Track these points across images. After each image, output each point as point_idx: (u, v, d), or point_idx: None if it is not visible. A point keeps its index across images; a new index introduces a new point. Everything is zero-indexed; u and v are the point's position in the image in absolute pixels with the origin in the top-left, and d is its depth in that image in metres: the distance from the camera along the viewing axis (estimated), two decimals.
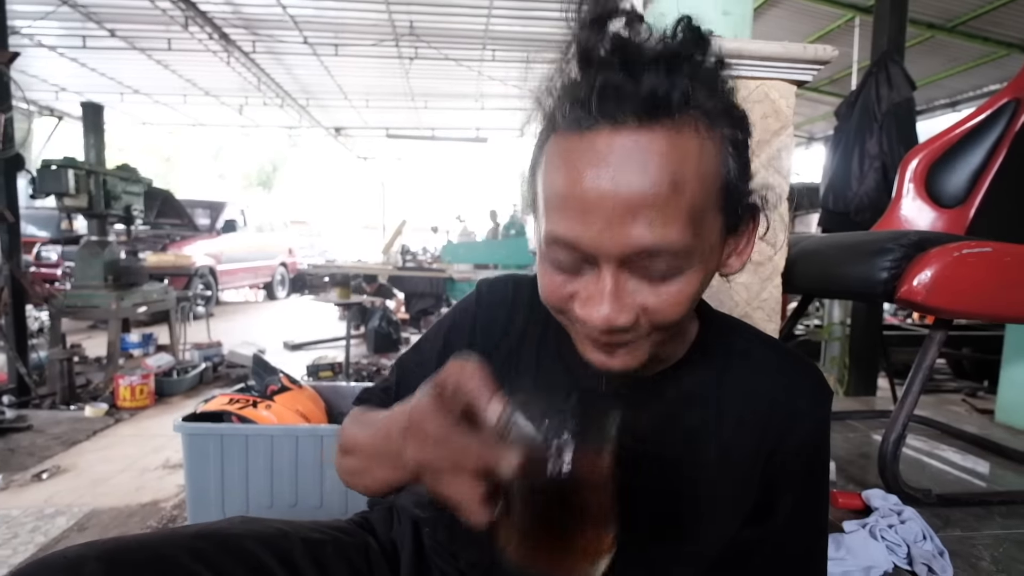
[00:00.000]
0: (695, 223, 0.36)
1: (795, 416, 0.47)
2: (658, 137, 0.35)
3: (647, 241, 0.35)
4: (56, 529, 1.61)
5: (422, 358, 0.57)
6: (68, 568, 0.44)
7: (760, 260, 1.14)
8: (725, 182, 0.39)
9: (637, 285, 0.38)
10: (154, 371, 3.02)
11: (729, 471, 0.47)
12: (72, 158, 3.01)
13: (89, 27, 5.65)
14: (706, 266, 0.39)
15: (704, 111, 0.37)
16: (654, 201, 0.35)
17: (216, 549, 0.50)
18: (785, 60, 1.11)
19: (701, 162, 0.37)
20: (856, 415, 1.64)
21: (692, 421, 0.48)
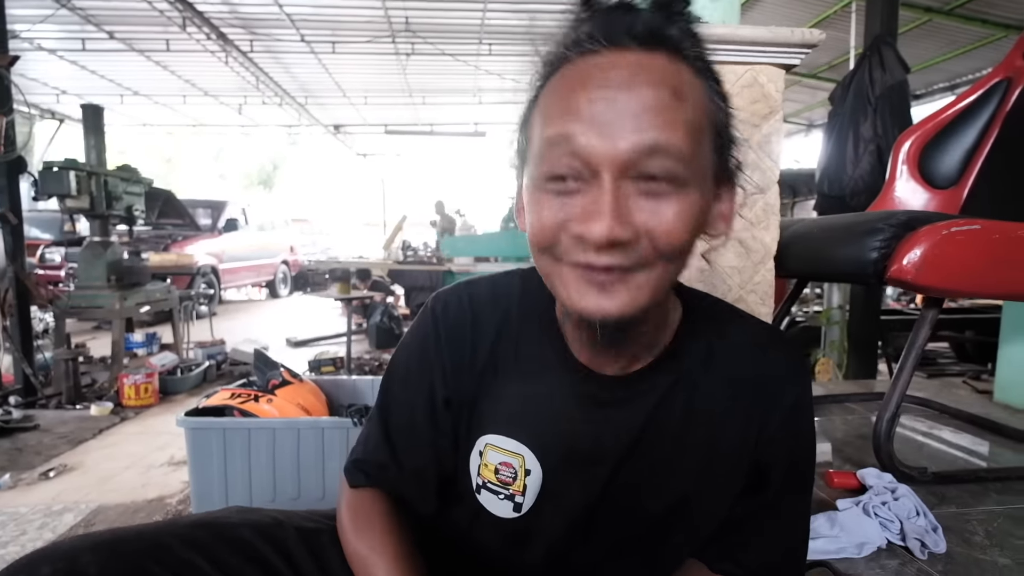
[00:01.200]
0: (693, 136, 0.37)
1: (778, 396, 0.48)
2: (659, 59, 0.38)
3: (649, 139, 0.35)
4: (64, 526, 1.63)
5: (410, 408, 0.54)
6: (63, 558, 0.45)
7: (752, 245, 1.14)
8: (716, 121, 0.40)
9: (637, 203, 0.37)
10: (158, 370, 3.04)
11: (719, 454, 0.48)
12: (73, 160, 3.03)
13: (88, 30, 5.66)
14: (703, 196, 0.39)
15: (693, 58, 0.40)
16: (657, 104, 0.36)
17: (212, 537, 0.50)
18: (773, 44, 1.12)
19: (697, 90, 0.38)
20: (855, 398, 1.64)
21: (680, 409, 0.48)
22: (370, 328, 4.45)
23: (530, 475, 0.50)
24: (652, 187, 0.37)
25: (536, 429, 0.50)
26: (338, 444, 1.48)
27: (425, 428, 0.53)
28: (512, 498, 0.50)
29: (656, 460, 0.48)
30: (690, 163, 0.37)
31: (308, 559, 0.53)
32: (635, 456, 0.48)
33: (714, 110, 0.40)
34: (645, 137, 0.35)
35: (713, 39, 1.10)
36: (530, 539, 0.52)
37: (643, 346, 0.48)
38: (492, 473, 0.51)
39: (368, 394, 1.91)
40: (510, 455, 0.50)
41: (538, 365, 0.50)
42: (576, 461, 0.49)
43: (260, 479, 1.47)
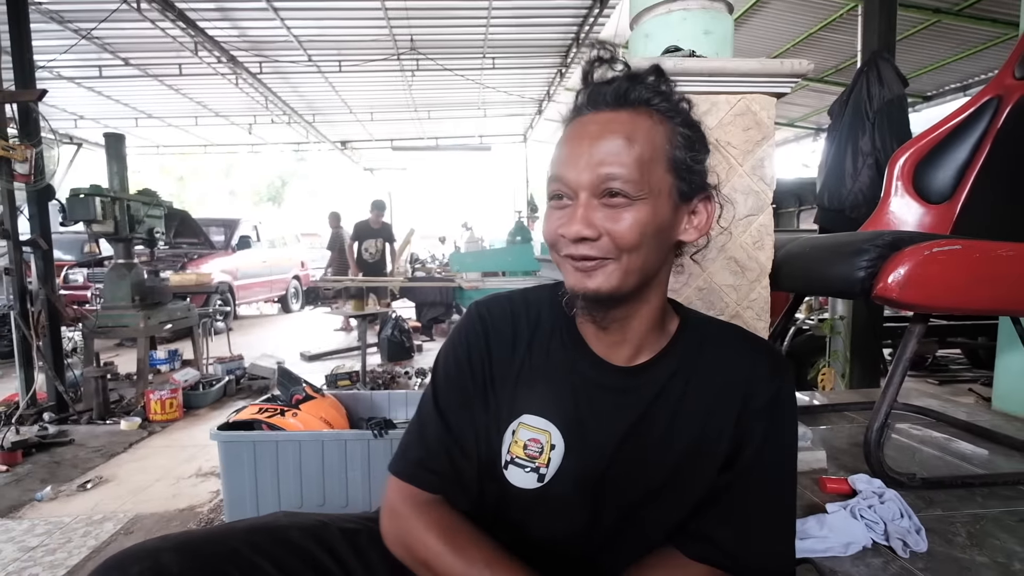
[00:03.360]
0: (642, 167, 0.51)
1: (757, 382, 0.58)
2: (621, 115, 0.53)
3: (605, 171, 0.51)
4: (105, 533, 1.73)
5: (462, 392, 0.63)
6: (148, 557, 0.52)
7: (747, 264, 1.22)
8: (672, 154, 0.54)
9: (602, 213, 0.52)
10: (181, 385, 3.15)
11: (707, 435, 0.58)
12: (98, 186, 3.17)
13: (105, 57, 5.87)
14: (654, 209, 0.52)
15: (659, 109, 0.54)
16: (613, 147, 0.52)
17: (271, 542, 0.58)
18: (764, 75, 1.19)
19: (651, 134, 0.53)
20: (854, 407, 1.70)
21: (676, 397, 0.59)
22: (381, 342, 4.55)
23: (554, 449, 0.59)
24: (611, 202, 0.52)
25: (560, 410, 0.60)
26: (359, 455, 1.57)
27: (481, 416, 0.62)
28: (537, 470, 0.60)
29: (654, 438, 0.58)
30: (638, 185, 0.51)
31: (352, 556, 0.61)
32: (637, 434, 0.58)
33: (671, 145, 0.54)
34: (602, 170, 0.51)
35: (706, 72, 1.18)
36: (549, 507, 0.60)
37: (640, 340, 0.59)
38: (521, 449, 0.60)
39: (384, 407, 2.00)
40: (539, 432, 0.60)
41: (563, 357, 0.61)
42: (590, 437, 0.59)
43: (287, 488, 1.55)
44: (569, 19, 5.59)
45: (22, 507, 1.99)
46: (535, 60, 6.64)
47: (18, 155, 2.88)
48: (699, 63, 1.18)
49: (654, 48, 1.30)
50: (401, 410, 1.96)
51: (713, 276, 1.21)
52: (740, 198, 1.22)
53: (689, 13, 1.31)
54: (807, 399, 1.82)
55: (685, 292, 1.20)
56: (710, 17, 1.32)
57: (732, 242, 1.22)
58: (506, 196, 8.24)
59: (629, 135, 0.52)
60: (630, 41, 1.41)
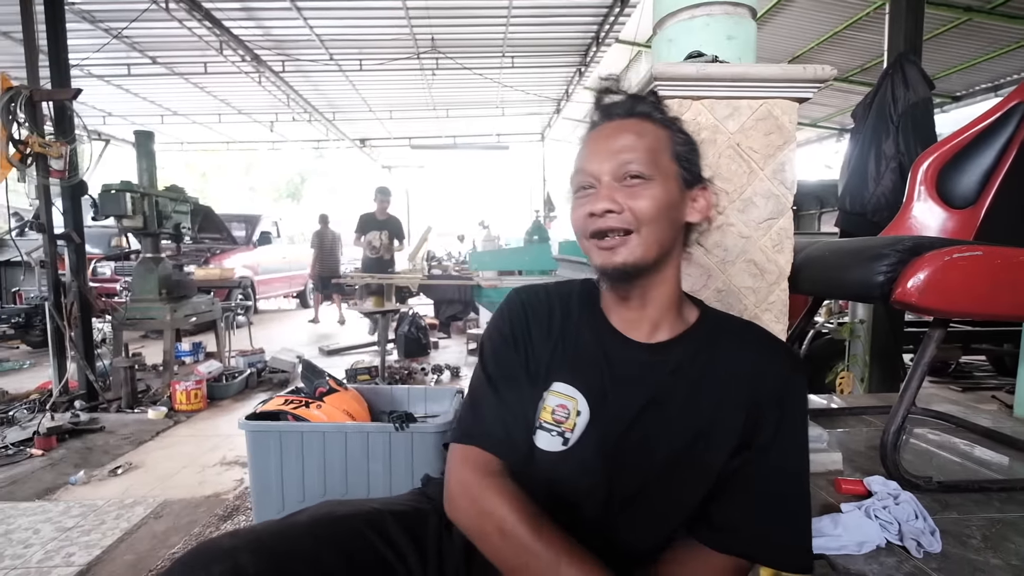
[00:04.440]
0: (652, 154, 0.63)
1: (772, 377, 0.63)
2: (630, 121, 0.65)
3: (624, 155, 0.62)
4: (136, 516, 1.80)
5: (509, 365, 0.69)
6: (227, 557, 0.55)
7: (767, 267, 1.23)
8: (674, 148, 0.65)
9: (622, 193, 0.62)
10: (205, 377, 3.25)
11: (719, 418, 0.62)
12: (128, 182, 3.27)
13: (134, 56, 6.03)
14: (665, 188, 0.62)
15: (658, 120, 0.66)
16: (628, 141, 0.63)
17: (331, 533, 0.63)
18: (786, 81, 1.20)
19: (656, 132, 0.65)
20: (872, 410, 1.69)
21: (693, 378, 0.64)
22: (399, 338, 4.62)
23: (580, 415, 0.65)
24: (630, 183, 0.62)
25: (586, 380, 0.66)
26: (381, 447, 1.61)
27: (525, 386, 0.68)
28: (563, 434, 0.65)
29: (669, 415, 0.64)
30: (650, 166, 0.62)
31: (404, 538, 0.66)
32: (653, 409, 0.64)
33: (672, 143, 0.65)
34: (621, 157, 0.62)
35: (729, 77, 1.20)
36: (570, 469, 0.65)
37: (658, 317, 0.66)
38: (549, 414, 0.66)
39: (404, 402, 2.04)
40: (567, 398, 0.66)
41: (590, 336, 0.69)
42: (612, 406, 0.65)
43: (311, 478, 1.60)
44: (589, 18, 5.59)
45: (57, 490, 2.08)
46: (554, 59, 6.65)
47: (54, 152, 3.00)
48: (722, 68, 1.20)
49: (677, 53, 1.31)
50: (420, 405, 2.01)
51: (732, 278, 1.23)
52: (760, 201, 1.23)
53: (712, 19, 1.32)
54: (824, 402, 1.82)
55: (704, 294, 1.22)
56: (733, 22, 1.33)
57: (752, 245, 1.23)
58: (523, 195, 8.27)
59: (639, 132, 0.64)
60: (653, 46, 1.43)
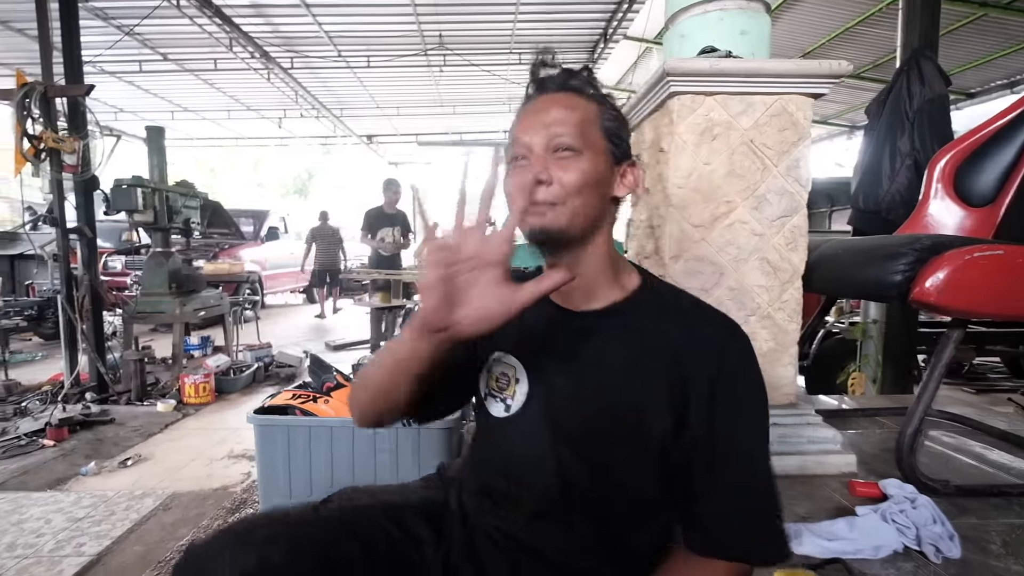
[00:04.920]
0: (582, 127, 0.63)
1: (703, 348, 0.62)
2: (563, 95, 0.65)
3: (555, 128, 0.63)
4: (145, 508, 1.82)
5: None
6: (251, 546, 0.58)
7: (780, 265, 1.22)
8: (604, 124, 0.65)
9: (553, 163, 0.63)
10: (214, 371, 3.27)
11: (651, 390, 0.61)
12: (140, 177, 3.29)
13: (145, 53, 6.07)
14: (594, 162, 0.63)
15: (591, 95, 0.66)
16: (559, 115, 0.63)
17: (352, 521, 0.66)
18: (801, 76, 1.18)
19: (587, 107, 0.65)
20: (886, 412, 1.67)
21: (621, 348, 0.65)
22: None
23: (519, 383, 0.68)
24: (560, 155, 0.63)
25: (524, 349, 0.69)
26: (388, 441, 1.61)
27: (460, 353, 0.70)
28: (504, 401, 0.69)
29: (601, 384, 0.64)
30: (580, 140, 0.62)
31: (422, 526, 0.70)
32: (587, 376, 0.65)
33: (602, 118, 0.65)
34: (552, 130, 0.63)
35: (743, 73, 1.18)
36: (517, 432, 0.68)
37: (589, 286, 0.67)
38: (494, 381, 0.70)
39: None
40: (506, 367, 0.70)
41: (532, 309, 0.68)
42: (549, 374, 0.67)
43: (319, 471, 1.61)
44: (598, 14, 5.56)
45: (68, 480, 2.10)
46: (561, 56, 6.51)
47: (67, 147, 3.02)
48: (736, 64, 1.18)
49: (689, 48, 1.30)
50: None
51: (745, 277, 1.21)
52: (774, 199, 1.22)
53: (726, 13, 1.30)
54: (835, 403, 1.79)
55: (716, 292, 1.21)
56: (747, 17, 1.31)
57: (765, 243, 1.21)
58: None
59: (571, 105, 0.64)
60: (665, 41, 1.41)
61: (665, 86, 1.19)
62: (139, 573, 1.48)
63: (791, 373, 1.25)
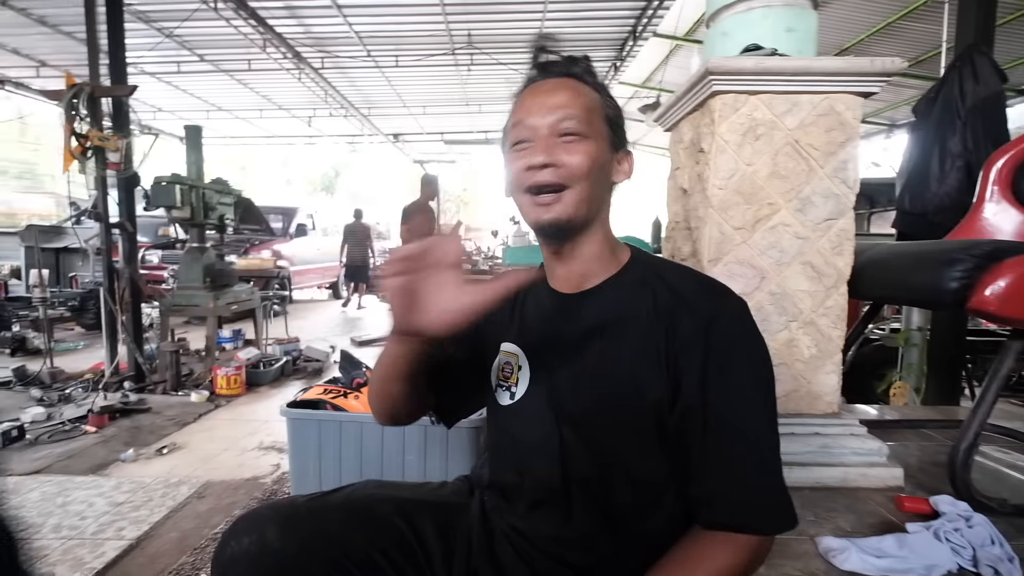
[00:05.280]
0: (588, 113, 0.63)
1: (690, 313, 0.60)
2: (567, 81, 0.65)
3: (562, 113, 0.62)
4: (181, 495, 1.87)
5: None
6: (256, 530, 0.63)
7: (824, 269, 1.17)
8: (605, 111, 0.65)
9: (559, 146, 0.62)
10: (244, 363, 3.35)
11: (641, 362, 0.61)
12: (178, 174, 3.40)
13: (183, 54, 6.27)
14: (598, 147, 0.63)
15: (592, 84, 0.66)
16: (565, 98, 0.63)
17: (361, 517, 0.68)
18: (851, 74, 1.14)
19: (591, 94, 0.65)
20: (932, 424, 1.60)
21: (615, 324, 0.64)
22: None
23: (521, 370, 0.69)
24: (567, 139, 0.62)
25: (525, 337, 0.70)
26: (416, 439, 1.62)
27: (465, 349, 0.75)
28: (509, 388, 0.70)
29: (594, 362, 0.64)
30: (586, 125, 0.62)
31: (432, 531, 0.70)
32: (582, 356, 0.65)
33: (604, 106, 0.65)
34: (560, 112, 0.62)
35: (789, 71, 1.14)
36: (522, 419, 0.69)
37: (586, 269, 0.67)
38: (501, 372, 0.71)
39: None
40: (510, 355, 0.71)
41: (531, 296, 0.73)
42: (547, 358, 0.68)
43: (348, 466, 1.63)
44: (626, 12, 5.49)
45: (108, 466, 2.18)
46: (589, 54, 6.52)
47: (111, 145, 3.13)
48: (782, 62, 1.14)
49: (732, 47, 1.26)
50: None
51: (787, 281, 1.17)
52: (819, 201, 1.17)
53: (771, 10, 1.26)
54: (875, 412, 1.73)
55: (757, 296, 1.17)
56: (793, 14, 1.27)
57: (809, 246, 1.17)
58: None
59: (577, 90, 0.64)
60: (706, 40, 1.38)
61: (707, 85, 1.16)
62: (175, 558, 1.53)
63: (834, 381, 1.20)
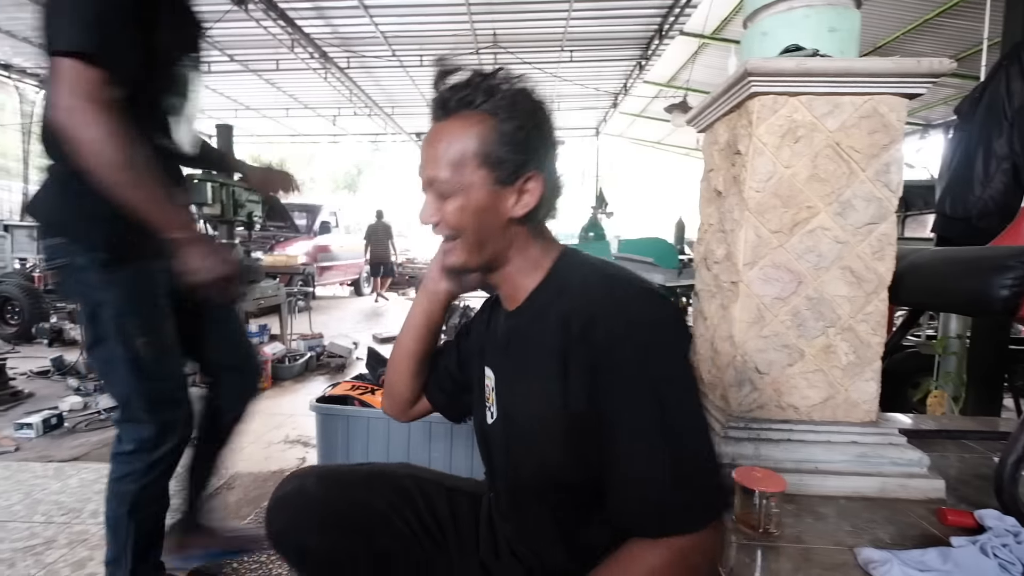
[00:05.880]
0: (453, 168, 0.64)
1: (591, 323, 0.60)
2: (443, 125, 0.66)
3: (430, 172, 0.66)
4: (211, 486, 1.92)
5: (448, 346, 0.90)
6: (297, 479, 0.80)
7: (864, 275, 1.14)
8: (486, 150, 0.63)
9: (436, 204, 0.67)
10: (270, 358, 3.42)
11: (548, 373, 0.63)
12: (210, 172, 3.48)
13: (214, 54, 6.43)
14: (470, 197, 0.64)
15: (482, 109, 0.64)
16: (436, 152, 0.65)
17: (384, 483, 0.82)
18: (897, 75, 1.11)
19: (458, 136, 0.64)
20: (973, 435, 1.54)
21: (526, 338, 0.68)
22: (449, 328, 4.69)
23: (494, 390, 0.73)
24: (439, 196, 0.66)
25: (493, 356, 0.75)
26: (443, 435, 1.64)
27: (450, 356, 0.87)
28: (489, 409, 0.75)
29: (517, 377, 0.69)
30: (454, 179, 0.64)
31: (447, 513, 0.82)
32: (511, 373, 0.70)
33: (485, 144, 0.63)
34: (428, 173, 0.66)
35: (832, 72, 1.12)
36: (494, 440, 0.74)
37: (515, 295, 0.71)
38: (483, 393, 0.76)
39: None
40: (488, 378, 0.75)
41: (494, 318, 0.78)
42: (503, 376, 0.72)
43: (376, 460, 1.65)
44: (653, 11, 5.43)
45: None
46: (613, 53, 6.52)
47: None
48: (824, 63, 1.12)
49: (771, 47, 1.24)
50: None
51: (825, 286, 1.15)
52: (861, 204, 1.14)
53: (812, 10, 1.23)
54: (912, 422, 1.68)
55: (793, 301, 1.15)
56: (836, 13, 1.24)
57: (848, 251, 1.15)
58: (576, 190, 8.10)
59: (449, 138, 0.64)
60: (744, 39, 1.35)
61: (745, 86, 1.14)
62: None
63: (872, 389, 1.17)
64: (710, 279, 1.34)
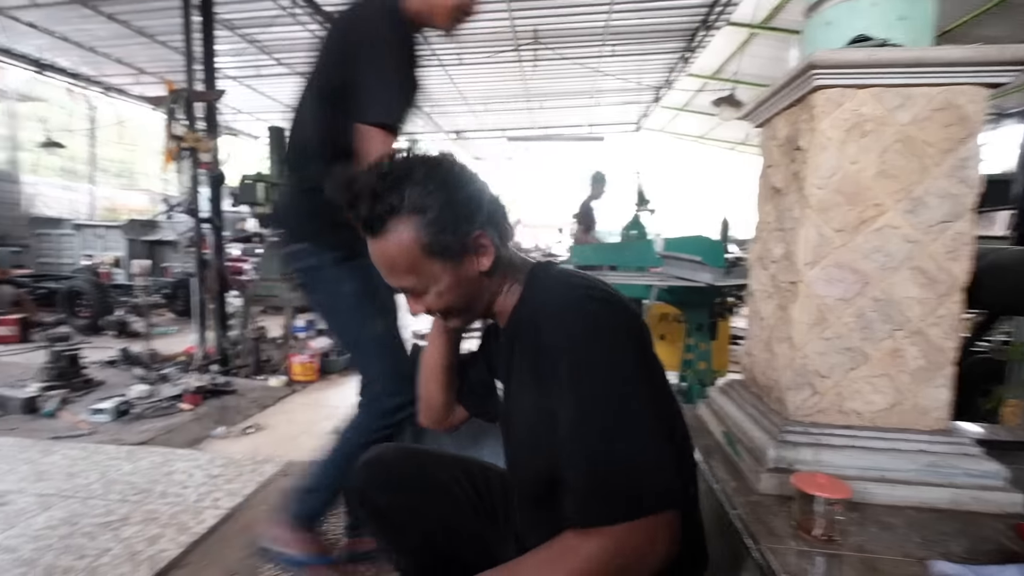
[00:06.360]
0: (412, 273, 0.70)
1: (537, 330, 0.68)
2: (378, 244, 0.70)
3: (396, 283, 0.73)
4: (268, 472, 2.02)
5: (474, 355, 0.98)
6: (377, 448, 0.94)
7: (937, 276, 1.09)
8: (429, 245, 0.68)
9: (416, 300, 0.75)
10: (318, 352, 3.55)
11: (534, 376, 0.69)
12: (262, 173, 3.64)
13: (262, 59, 6.68)
14: (440, 282, 0.71)
15: (405, 211, 0.67)
16: (388, 266, 0.71)
17: (453, 461, 0.96)
18: (976, 64, 1.04)
19: (400, 247, 0.69)
20: None
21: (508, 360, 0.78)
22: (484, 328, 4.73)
23: (502, 395, 0.84)
24: (415, 295, 0.74)
25: (497, 368, 0.87)
26: (492, 435, 1.65)
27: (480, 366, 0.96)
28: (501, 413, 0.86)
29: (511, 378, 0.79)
30: (418, 285, 0.72)
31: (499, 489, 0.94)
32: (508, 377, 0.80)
33: (423, 240, 0.68)
34: (394, 281, 0.73)
35: (902, 62, 1.06)
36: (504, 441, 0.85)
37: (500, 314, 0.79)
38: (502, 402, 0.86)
39: None
40: (501, 389, 0.85)
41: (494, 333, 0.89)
42: (503, 382, 0.82)
43: None
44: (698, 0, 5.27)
45: (202, 440, 2.39)
46: (656, 46, 6.37)
47: (203, 146, 3.40)
48: (896, 53, 1.06)
49: (836, 38, 1.18)
50: None
51: (894, 287, 1.10)
52: (934, 202, 1.08)
53: None
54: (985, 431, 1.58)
55: (858, 302, 1.10)
56: (906, 1, 1.17)
57: (920, 250, 1.09)
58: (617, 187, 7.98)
59: (391, 264, 0.70)
60: (806, 30, 1.30)
61: (808, 79, 1.09)
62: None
63: (944, 396, 1.11)
64: (767, 279, 1.30)
